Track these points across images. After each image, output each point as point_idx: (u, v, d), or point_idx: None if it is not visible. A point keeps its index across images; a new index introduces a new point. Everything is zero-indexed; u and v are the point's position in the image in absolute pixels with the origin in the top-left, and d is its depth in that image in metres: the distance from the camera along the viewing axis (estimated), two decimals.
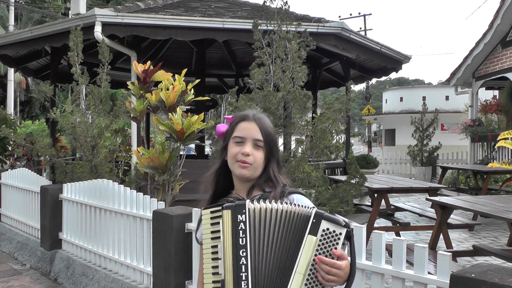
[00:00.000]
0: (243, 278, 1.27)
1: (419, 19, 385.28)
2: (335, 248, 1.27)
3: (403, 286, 2.33)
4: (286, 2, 5.34)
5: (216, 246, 1.32)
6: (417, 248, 2.24)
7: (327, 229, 1.27)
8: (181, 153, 4.66)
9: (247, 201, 1.33)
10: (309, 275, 1.27)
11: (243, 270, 1.27)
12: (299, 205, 1.33)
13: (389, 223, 6.40)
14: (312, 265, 1.27)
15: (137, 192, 4.17)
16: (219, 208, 1.34)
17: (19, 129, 13.86)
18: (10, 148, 8.54)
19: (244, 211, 1.30)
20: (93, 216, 4.74)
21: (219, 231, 1.32)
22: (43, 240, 5.49)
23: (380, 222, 6.86)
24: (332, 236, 1.27)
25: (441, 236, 4.67)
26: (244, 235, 1.29)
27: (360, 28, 33.22)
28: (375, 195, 5.67)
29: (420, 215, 5.98)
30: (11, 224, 6.68)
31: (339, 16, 36.75)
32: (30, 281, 5.11)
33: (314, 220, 1.28)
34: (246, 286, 1.27)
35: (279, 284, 1.29)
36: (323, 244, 1.27)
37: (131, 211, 4.17)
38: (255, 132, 1.52)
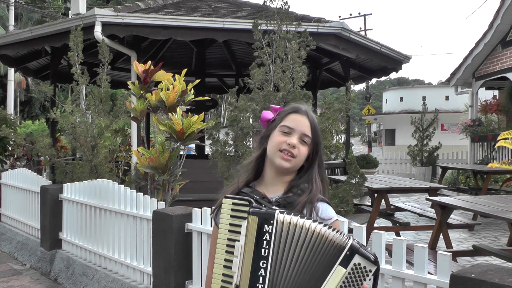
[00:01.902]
0: None
1: (419, 19, 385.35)
2: (362, 284, 1.23)
3: (403, 286, 2.33)
4: (286, 2, 5.33)
5: (232, 241, 1.27)
6: (417, 248, 2.24)
7: (359, 264, 1.23)
8: (181, 153, 4.66)
9: (277, 211, 1.26)
10: None
11: (261, 281, 1.23)
12: (334, 229, 1.26)
13: (389, 223, 6.40)
14: None
15: (137, 192, 4.17)
16: (244, 202, 1.28)
17: (19, 129, 13.85)
18: (10, 148, 8.54)
19: (272, 221, 1.24)
20: (93, 216, 4.74)
21: (239, 225, 1.26)
22: (43, 240, 5.49)
23: (380, 222, 6.86)
24: (362, 272, 1.23)
25: (441, 236, 4.67)
26: (267, 246, 1.23)
27: (360, 28, 33.26)
28: (375, 195, 5.67)
29: (420, 215, 5.98)
30: (11, 224, 6.68)
31: (339, 16, 36.80)
32: (30, 281, 5.11)
33: (348, 253, 1.23)
34: None
35: None
36: (351, 277, 1.23)
37: (131, 211, 4.17)
38: (305, 127, 1.46)
